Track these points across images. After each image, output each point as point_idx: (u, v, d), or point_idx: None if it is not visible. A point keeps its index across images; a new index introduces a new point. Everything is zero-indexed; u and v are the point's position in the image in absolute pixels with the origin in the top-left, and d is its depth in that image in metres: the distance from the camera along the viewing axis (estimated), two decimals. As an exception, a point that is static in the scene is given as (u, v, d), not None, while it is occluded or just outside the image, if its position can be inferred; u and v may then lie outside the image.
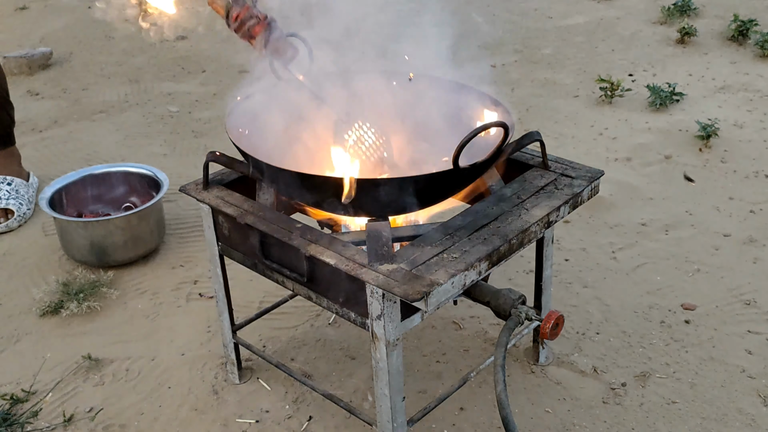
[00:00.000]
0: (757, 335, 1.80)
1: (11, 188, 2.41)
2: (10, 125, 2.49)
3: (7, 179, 2.43)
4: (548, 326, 1.27)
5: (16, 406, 1.68)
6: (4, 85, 2.44)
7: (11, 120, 2.49)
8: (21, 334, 1.92)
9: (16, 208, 2.37)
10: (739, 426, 1.56)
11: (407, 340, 1.82)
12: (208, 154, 1.47)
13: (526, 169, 1.54)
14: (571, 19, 4.13)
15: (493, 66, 3.53)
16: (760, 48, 3.45)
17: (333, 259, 1.25)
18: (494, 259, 1.27)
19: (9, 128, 2.48)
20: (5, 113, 2.45)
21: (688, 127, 2.81)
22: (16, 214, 2.36)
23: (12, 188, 2.41)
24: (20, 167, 2.53)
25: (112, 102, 3.34)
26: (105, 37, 4.25)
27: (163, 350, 1.84)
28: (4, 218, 2.35)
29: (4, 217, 2.35)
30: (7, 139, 2.49)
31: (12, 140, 2.51)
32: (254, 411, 1.64)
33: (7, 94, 2.45)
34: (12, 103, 2.50)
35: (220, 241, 1.53)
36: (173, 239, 2.29)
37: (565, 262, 2.09)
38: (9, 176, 2.45)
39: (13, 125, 2.51)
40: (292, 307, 1.94)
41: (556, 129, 2.88)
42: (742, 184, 2.45)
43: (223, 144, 2.82)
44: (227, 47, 4.00)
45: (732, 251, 2.12)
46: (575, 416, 1.59)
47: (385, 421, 1.34)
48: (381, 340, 1.26)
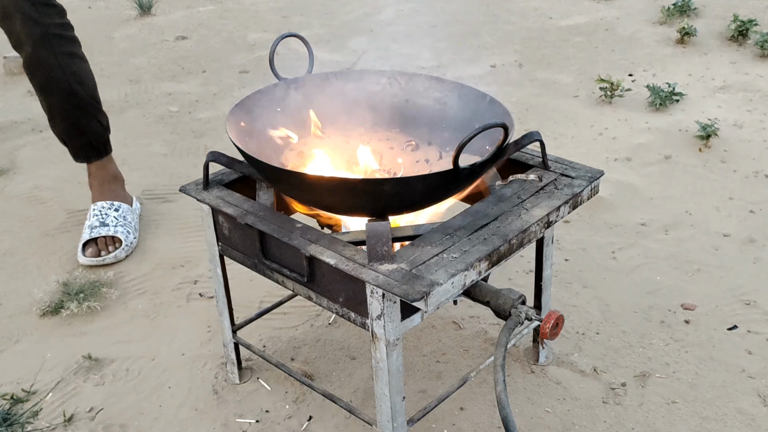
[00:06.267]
0: (757, 335, 1.80)
1: (119, 214, 2.26)
2: (102, 133, 2.30)
3: (114, 204, 2.28)
4: (548, 326, 1.27)
5: (16, 406, 1.68)
6: (92, 92, 2.25)
7: (104, 128, 2.30)
8: (21, 334, 1.92)
9: (123, 237, 2.21)
10: (739, 426, 1.56)
11: (407, 340, 1.82)
12: (208, 154, 1.47)
13: (526, 169, 1.54)
14: (571, 19, 4.13)
15: (493, 66, 3.54)
16: (760, 48, 3.45)
17: (333, 259, 1.26)
18: (494, 259, 1.27)
19: (102, 136, 2.30)
20: (95, 121, 2.27)
21: (687, 127, 2.81)
22: (123, 243, 2.20)
23: (120, 214, 2.26)
24: (125, 191, 2.38)
25: (112, 102, 3.35)
26: (105, 37, 4.26)
27: (163, 350, 1.84)
28: (112, 246, 2.19)
29: (112, 245, 2.19)
30: (102, 149, 2.32)
31: (108, 149, 2.34)
32: (254, 411, 1.64)
33: (95, 100, 2.26)
34: (104, 112, 2.31)
35: (220, 241, 1.53)
36: (173, 239, 2.30)
37: (565, 262, 2.09)
38: (116, 201, 2.31)
39: (106, 133, 2.32)
40: (292, 307, 1.94)
41: (556, 129, 2.88)
42: (742, 184, 2.46)
43: (223, 144, 2.82)
44: (227, 47, 4.01)
45: (732, 251, 2.12)
46: (575, 416, 1.59)
47: (385, 421, 1.34)
48: (381, 340, 1.26)
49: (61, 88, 2.16)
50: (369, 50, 3.80)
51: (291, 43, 3.57)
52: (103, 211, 2.27)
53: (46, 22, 2.08)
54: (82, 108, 2.21)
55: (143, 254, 2.23)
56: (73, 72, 2.17)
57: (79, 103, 2.20)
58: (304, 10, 4.59)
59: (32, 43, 2.09)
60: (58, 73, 2.14)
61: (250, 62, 3.77)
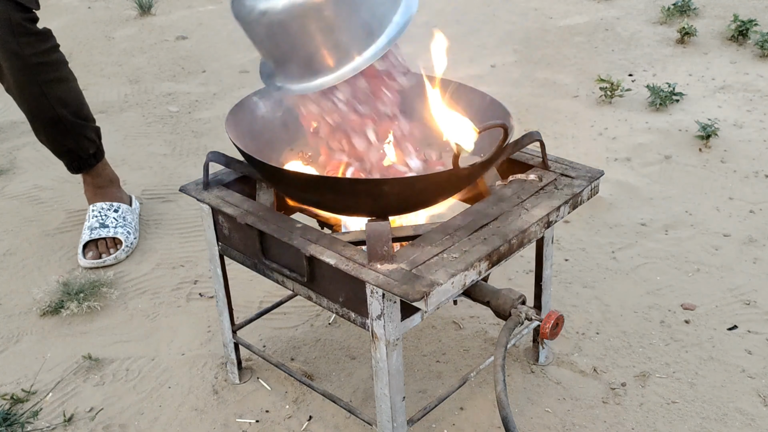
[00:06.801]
0: (757, 335, 1.80)
1: (118, 215, 2.26)
2: (91, 147, 2.27)
3: (114, 205, 2.28)
4: (548, 326, 1.27)
5: (16, 405, 1.68)
6: (78, 111, 2.21)
7: (93, 142, 2.27)
8: (21, 334, 1.92)
9: (124, 238, 2.21)
10: (739, 426, 1.56)
11: (407, 340, 1.82)
12: (208, 154, 1.47)
13: (526, 169, 1.54)
14: (571, 19, 4.13)
15: (493, 66, 3.53)
16: (760, 48, 3.45)
17: (333, 259, 1.26)
18: (494, 259, 1.27)
19: (91, 150, 2.27)
20: (83, 138, 2.23)
21: (687, 127, 2.81)
22: (124, 244, 2.20)
23: (119, 215, 2.26)
24: (121, 191, 2.37)
25: (112, 102, 3.35)
26: (105, 37, 4.26)
27: (163, 350, 1.84)
28: (113, 248, 2.19)
29: (113, 247, 2.19)
30: (92, 160, 2.29)
31: (99, 158, 2.31)
32: (254, 411, 1.64)
33: (82, 119, 2.22)
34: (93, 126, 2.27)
35: (220, 241, 1.53)
36: (173, 239, 2.30)
37: (565, 262, 2.09)
38: (115, 202, 2.30)
39: (96, 145, 2.29)
40: (292, 307, 1.94)
41: (556, 129, 2.88)
42: (742, 184, 2.46)
43: (223, 144, 2.82)
44: (227, 47, 4.01)
45: (732, 251, 2.12)
46: (575, 416, 1.59)
47: (385, 421, 1.34)
48: (381, 340, 1.26)
49: (45, 116, 2.13)
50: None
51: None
52: (103, 212, 2.26)
53: (26, 53, 2.01)
54: (68, 131, 2.18)
55: (143, 254, 2.23)
56: (59, 97, 2.13)
57: (65, 128, 2.17)
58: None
59: (13, 74, 2.04)
60: (41, 101, 2.10)
61: (250, 62, 3.77)
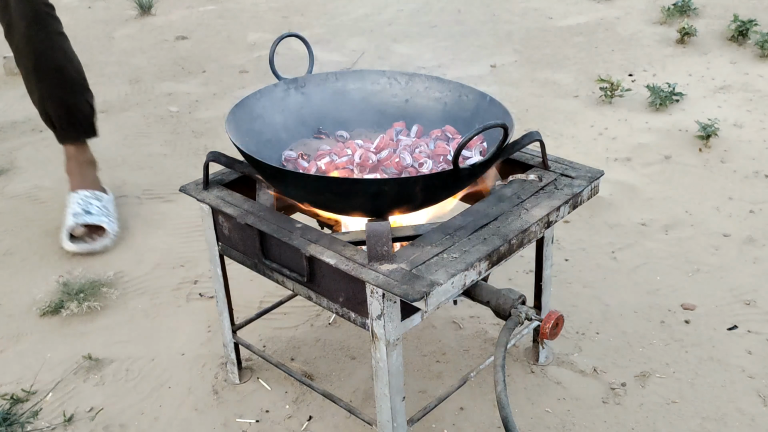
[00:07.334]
0: (757, 335, 1.80)
1: (101, 204, 2.29)
2: (90, 115, 2.33)
3: (96, 194, 2.31)
4: (548, 326, 1.27)
5: (16, 405, 1.68)
6: (79, 68, 2.29)
7: (91, 108, 2.33)
8: (21, 334, 1.92)
9: (108, 227, 2.24)
10: (739, 426, 1.56)
11: (407, 340, 1.82)
12: (208, 154, 1.47)
13: (526, 169, 1.54)
14: (571, 19, 4.13)
15: (493, 66, 3.54)
16: (760, 48, 3.45)
17: (333, 259, 1.26)
18: (494, 259, 1.27)
19: (90, 118, 2.34)
20: (84, 100, 2.31)
21: (687, 127, 2.81)
22: (111, 233, 2.23)
23: (102, 205, 2.29)
24: (99, 179, 2.40)
25: (112, 102, 3.35)
26: (105, 37, 4.26)
27: (163, 350, 1.84)
28: (97, 235, 2.22)
29: (96, 234, 2.22)
30: (90, 129, 2.35)
31: (94, 131, 2.36)
32: (254, 411, 1.64)
33: (83, 77, 2.30)
34: (91, 91, 2.35)
35: (220, 241, 1.53)
36: (173, 239, 2.30)
37: (565, 262, 2.09)
38: (97, 191, 2.33)
39: (93, 115, 2.35)
40: (292, 307, 1.94)
41: (556, 129, 2.88)
42: (742, 184, 2.46)
43: (223, 144, 2.82)
44: (227, 47, 4.01)
45: (732, 251, 2.12)
46: (575, 416, 1.59)
47: (385, 421, 1.34)
48: (381, 340, 1.26)
49: (51, 66, 2.22)
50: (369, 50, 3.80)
51: (291, 43, 3.57)
52: (86, 199, 2.30)
53: (37, 1, 2.15)
54: (71, 85, 2.26)
55: (143, 254, 2.23)
56: (64, 50, 2.24)
57: (68, 80, 2.25)
58: (304, 10, 4.59)
59: (26, 22, 2.14)
60: (49, 51, 2.20)
61: (250, 62, 3.77)
